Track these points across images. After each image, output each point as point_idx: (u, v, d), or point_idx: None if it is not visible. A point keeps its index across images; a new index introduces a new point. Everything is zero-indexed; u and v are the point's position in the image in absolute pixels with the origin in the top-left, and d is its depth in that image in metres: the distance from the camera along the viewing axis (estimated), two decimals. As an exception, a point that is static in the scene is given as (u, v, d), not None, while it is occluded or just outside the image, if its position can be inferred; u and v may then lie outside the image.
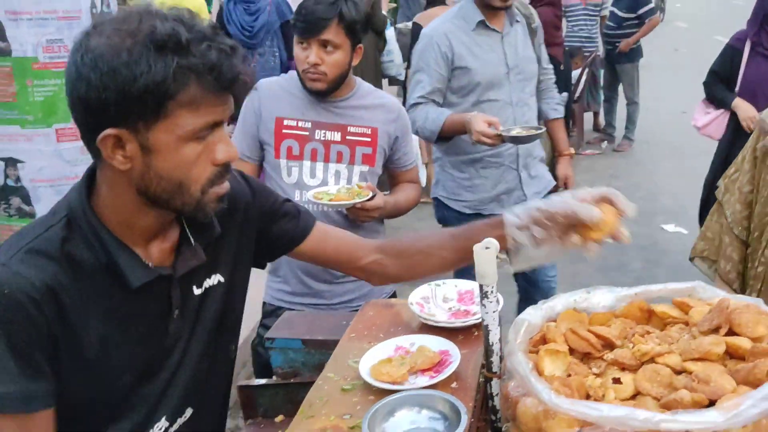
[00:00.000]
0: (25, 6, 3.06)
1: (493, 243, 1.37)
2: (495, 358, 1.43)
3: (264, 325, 2.51)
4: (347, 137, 2.37)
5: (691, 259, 2.52)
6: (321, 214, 2.37)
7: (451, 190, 3.23)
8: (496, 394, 1.45)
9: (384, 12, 6.83)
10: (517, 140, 2.78)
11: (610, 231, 1.41)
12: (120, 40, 1.14)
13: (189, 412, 1.45)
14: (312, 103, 2.38)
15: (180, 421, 1.43)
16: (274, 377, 1.92)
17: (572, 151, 3.53)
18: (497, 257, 1.36)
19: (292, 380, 1.87)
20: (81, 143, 1.25)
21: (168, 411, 1.40)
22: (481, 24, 3.06)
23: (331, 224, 2.38)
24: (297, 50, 2.32)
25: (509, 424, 1.37)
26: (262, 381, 1.94)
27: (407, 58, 6.63)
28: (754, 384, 1.21)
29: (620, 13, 8.06)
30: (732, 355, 1.34)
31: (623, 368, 1.35)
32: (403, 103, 3.21)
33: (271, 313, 2.50)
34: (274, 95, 2.42)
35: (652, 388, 1.28)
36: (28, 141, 2.95)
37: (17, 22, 3.10)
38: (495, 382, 1.44)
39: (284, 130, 2.38)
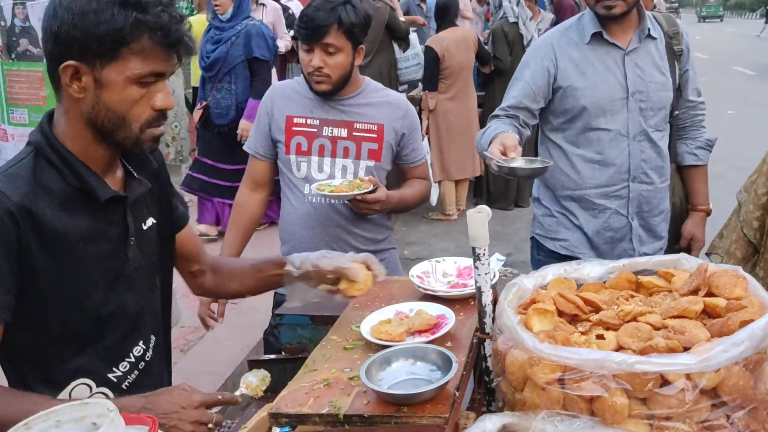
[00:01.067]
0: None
1: (484, 209, 1.47)
2: (488, 320, 1.52)
3: (276, 315, 2.60)
4: (353, 133, 2.48)
5: (708, 254, 2.57)
6: (328, 206, 2.48)
7: (548, 227, 2.71)
8: (489, 355, 1.53)
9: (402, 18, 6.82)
10: (514, 173, 2.24)
11: (365, 288, 1.75)
12: None
13: (153, 339, 1.67)
14: (320, 101, 2.50)
15: (150, 347, 1.66)
16: (283, 353, 2.01)
17: (710, 206, 2.78)
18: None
19: (300, 355, 1.95)
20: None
21: (143, 336, 1.64)
22: (597, 37, 2.52)
23: (338, 216, 2.50)
24: (302, 54, 2.47)
25: (499, 378, 1.45)
26: (272, 356, 2.04)
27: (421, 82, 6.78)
28: (727, 335, 1.28)
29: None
30: (710, 314, 1.42)
31: (607, 328, 1.43)
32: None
33: (282, 303, 2.59)
34: (285, 96, 2.55)
35: (632, 343, 1.35)
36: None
37: (49, 29, 3.28)
38: (488, 343, 1.52)
39: (294, 128, 2.50)
